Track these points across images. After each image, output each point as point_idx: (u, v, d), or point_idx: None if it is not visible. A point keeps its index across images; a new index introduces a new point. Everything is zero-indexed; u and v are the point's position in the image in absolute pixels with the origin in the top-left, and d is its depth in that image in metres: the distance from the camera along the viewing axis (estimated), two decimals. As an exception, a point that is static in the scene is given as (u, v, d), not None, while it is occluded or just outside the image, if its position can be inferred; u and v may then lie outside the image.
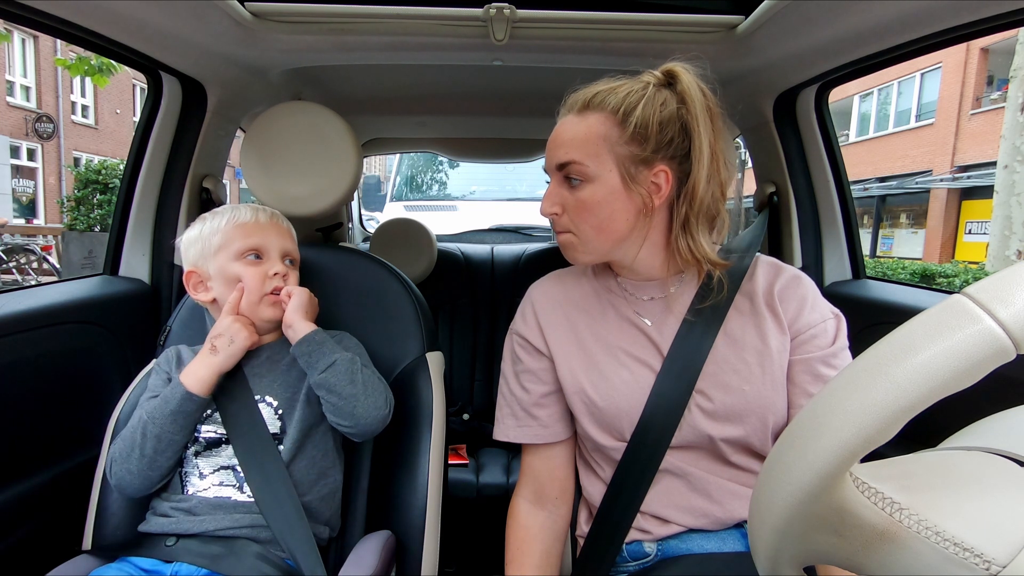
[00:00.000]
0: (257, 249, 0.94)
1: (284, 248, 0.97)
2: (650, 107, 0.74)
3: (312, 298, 0.97)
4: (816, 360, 0.78)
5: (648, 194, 0.76)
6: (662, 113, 0.75)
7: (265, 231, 0.96)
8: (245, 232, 0.95)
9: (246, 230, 0.95)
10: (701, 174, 0.75)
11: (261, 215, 0.98)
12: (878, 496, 0.35)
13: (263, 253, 0.95)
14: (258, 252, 0.95)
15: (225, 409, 0.89)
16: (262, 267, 0.94)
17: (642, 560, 0.82)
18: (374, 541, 0.86)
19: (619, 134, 0.75)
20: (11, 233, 9.03)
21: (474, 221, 3.12)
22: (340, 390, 0.87)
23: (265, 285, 0.93)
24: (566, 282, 0.90)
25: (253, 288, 0.92)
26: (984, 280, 0.32)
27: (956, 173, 12.31)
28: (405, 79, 1.59)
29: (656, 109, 0.75)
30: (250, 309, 0.92)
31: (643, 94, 0.75)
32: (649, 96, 0.75)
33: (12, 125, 13.19)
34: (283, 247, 0.97)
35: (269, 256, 0.95)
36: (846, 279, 1.43)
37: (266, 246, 0.95)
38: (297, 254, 1.00)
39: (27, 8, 0.87)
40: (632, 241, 0.80)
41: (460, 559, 1.69)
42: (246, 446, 0.86)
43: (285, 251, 0.97)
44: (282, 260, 0.96)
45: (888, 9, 0.90)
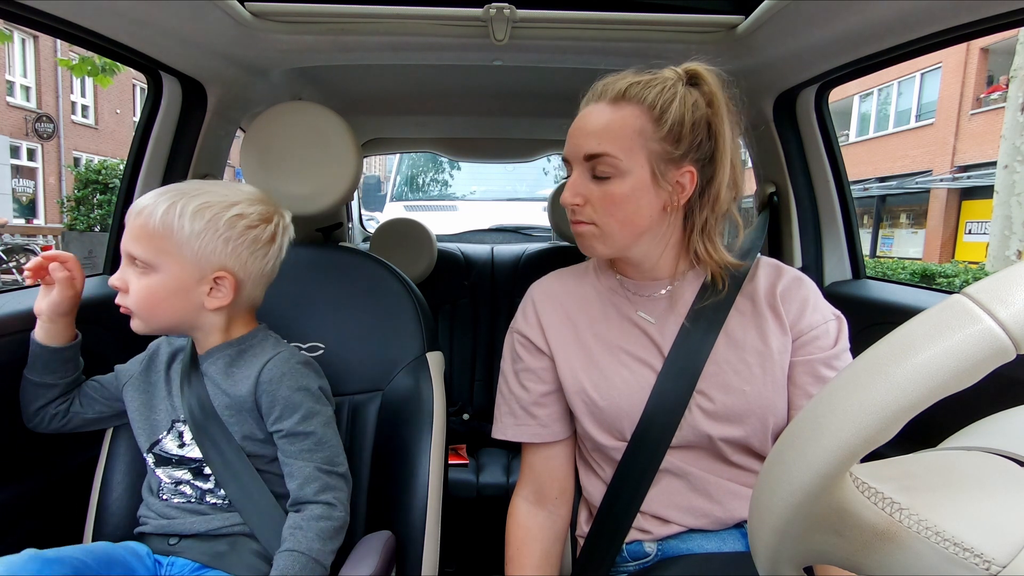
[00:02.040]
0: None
1: (127, 250, 0.82)
2: (684, 106, 0.74)
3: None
4: (818, 362, 0.78)
5: (673, 193, 0.76)
6: (694, 114, 0.75)
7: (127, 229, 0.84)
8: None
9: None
10: (724, 178, 0.76)
11: (135, 205, 0.84)
12: (878, 496, 0.35)
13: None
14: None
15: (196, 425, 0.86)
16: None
17: (642, 560, 0.82)
18: (374, 541, 0.86)
19: (654, 130, 0.74)
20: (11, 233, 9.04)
21: (474, 221, 3.12)
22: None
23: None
24: (567, 281, 0.90)
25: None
26: (984, 280, 0.32)
27: (956, 173, 12.31)
28: (405, 79, 1.59)
29: (689, 109, 0.74)
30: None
31: (675, 92, 0.75)
32: (682, 95, 0.75)
33: (12, 125, 13.20)
34: (126, 249, 0.82)
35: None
36: (846, 279, 1.43)
37: (122, 249, 0.84)
38: (144, 254, 0.80)
39: (27, 8, 0.87)
40: (648, 239, 0.80)
41: (460, 559, 1.69)
42: (220, 460, 0.85)
43: (128, 253, 0.82)
44: (130, 263, 0.82)
45: (888, 9, 0.90)
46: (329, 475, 0.84)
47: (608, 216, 0.76)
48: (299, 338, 1.03)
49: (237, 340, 0.89)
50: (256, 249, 0.85)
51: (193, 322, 0.86)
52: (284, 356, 0.87)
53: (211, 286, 0.83)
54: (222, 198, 0.83)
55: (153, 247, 0.80)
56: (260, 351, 0.88)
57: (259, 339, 0.90)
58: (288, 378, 0.85)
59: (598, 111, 0.76)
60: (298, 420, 0.84)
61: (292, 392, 0.85)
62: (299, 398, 0.85)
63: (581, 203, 0.78)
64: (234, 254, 0.83)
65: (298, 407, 0.84)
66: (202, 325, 0.87)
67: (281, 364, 0.86)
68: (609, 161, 0.74)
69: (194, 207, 0.81)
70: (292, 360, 0.88)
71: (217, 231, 0.82)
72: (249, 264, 0.85)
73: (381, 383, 1.02)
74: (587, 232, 0.79)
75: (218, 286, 0.83)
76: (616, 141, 0.74)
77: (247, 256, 0.84)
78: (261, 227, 0.86)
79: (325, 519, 0.81)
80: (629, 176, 0.74)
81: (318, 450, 0.84)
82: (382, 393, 1.01)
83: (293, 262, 1.09)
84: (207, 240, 0.81)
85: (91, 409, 0.94)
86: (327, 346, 1.03)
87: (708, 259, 0.79)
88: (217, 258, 0.82)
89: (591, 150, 0.75)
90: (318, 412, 0.86)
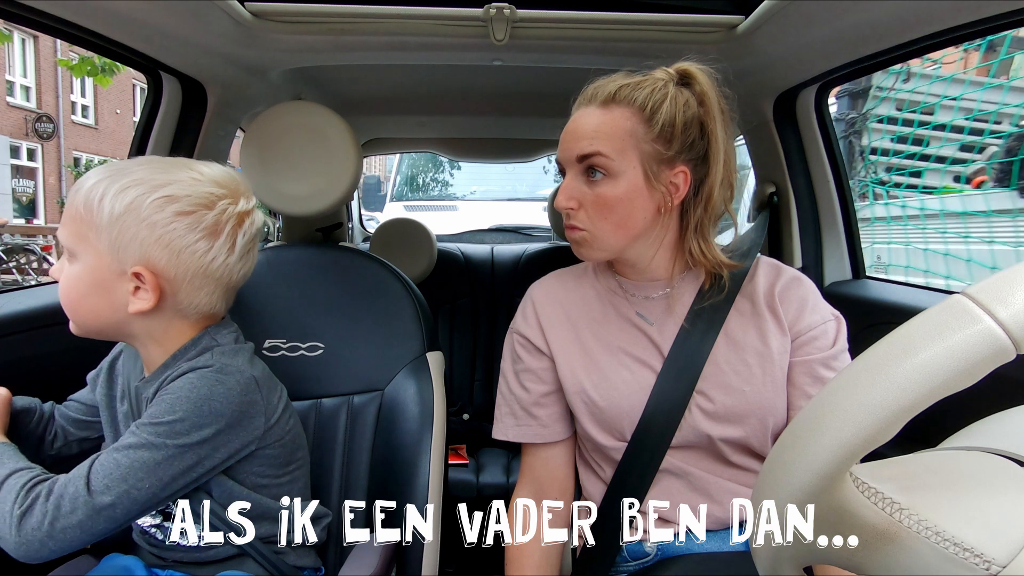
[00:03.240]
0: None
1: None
2: (675, 107, 0.74)
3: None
4: (816, 362, 0.78)
5: (667, 193, 0.76)
6: (686, 114, 0.75)
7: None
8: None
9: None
10: (717, 178, 0.76)
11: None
12: (878, 496, 0.35)
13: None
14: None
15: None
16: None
17: (642, 560, 0.82)
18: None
19: (645, 131, 0.74)
20: (11, 233, 9.03)
21: (474, 221, 3.12)
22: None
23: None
24: (567, 282, 0.90)
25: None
26: (984, 280, 0.32)
27: (956, 173, 12.30)
28: (405, 79, 1.59)
29: (680, 109, 0.74)
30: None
31: (666, 92, 0.75)
32: (672, 95, 0.75)
33: (12, 125, 13.19)
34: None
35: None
36: (846, 279, 1.43)
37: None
38: (65, 239, 0.71)
39: (27, 8, 0.87)
40: (644, 240, 0.80)
41: (460, 559, 1.69)
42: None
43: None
44: (64, 251, 0.72)
45: (888, 9, 0.89)
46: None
47: (602, 220, 0.76)
48: (299, 338, 1.03)
49: (175, 356, 0.73)
50: (193, 240, 0.69)
51: (123, 329, 0.72)
52: (204, 373, 0.71)
53: (135, 284, 0.68)
54: (154, 175, 0.69)
55: (74, 230, 0.68)
56: (190, 361, 0.73)
57: (199, 348, 0.74)
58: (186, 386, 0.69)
59: (588, 114, 0.77)
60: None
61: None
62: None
63: (575, 207, 0.78)
64: (160, 244, 0.68)
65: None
66: (134, 333, 0.73)
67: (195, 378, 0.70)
68: (602, 161, 0.74)
69: (119, 186, 0.67)
70: (213, 380, 0.70)
71: (140, 215, 0.67)
72: (184, 259, 0.69)
73: (381, 383, 1.02)
74: (579, 238, 0.79)
75: (141, 285, 0.69)
76: (608, 142, 0.74)
77: (180, 248, 0.68)
78: (198, 213, 0.69)
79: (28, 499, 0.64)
80: (622, 178, 0.74)
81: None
82: (382, 393, 1.01)
83: (293, 262, 1.09)
84: (127, 225, 0.67)
85: (86, 430, 0.84)
86: (327, 346, 1.03)
87: (702, 259, 0.79)
88: (139, 248, 0.67)
89: (583, 151, 0.75)
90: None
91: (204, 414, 0.69)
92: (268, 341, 1.02)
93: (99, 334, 0.73)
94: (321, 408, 1.01)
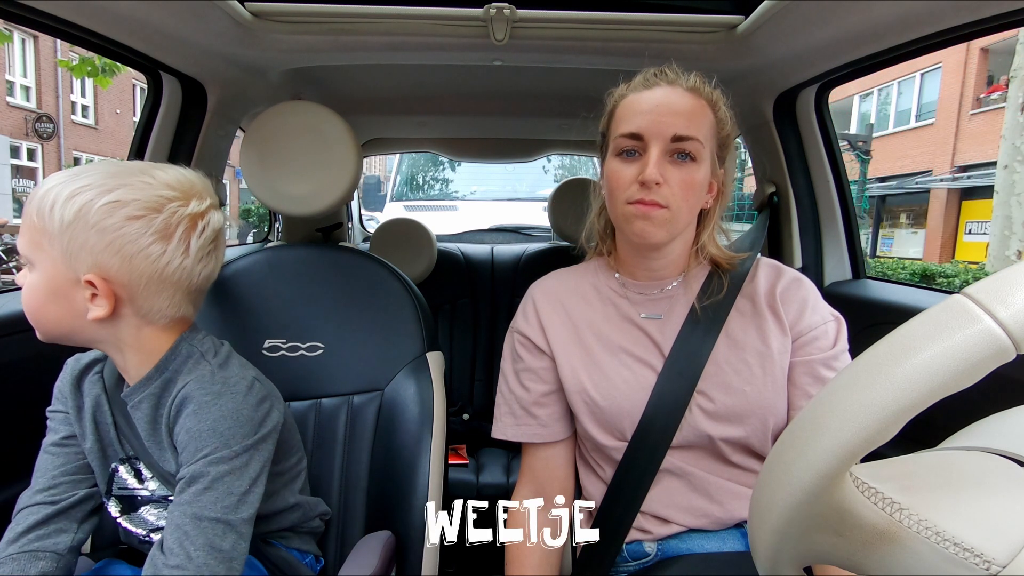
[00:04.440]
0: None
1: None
2: (729, 115, 0.80)
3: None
4: (817, 362, 0.78)
5: (710, 190, 0.81)
6: (730, 124, 0.81)
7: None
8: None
9: None
10: (731, 181, 0.82)
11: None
12: (878, 496, 0.35)
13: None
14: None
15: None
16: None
17: (642, 560, 0.82)
18: (374, 541, 0.86)
19: (715, 128, 0.78)
20: (11, 233, 9.02)
21: (474, 221, 3.12)
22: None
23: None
24: (567, 281, 0.90)
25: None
26: (984, 280, 0.32)
27: (956, 173, 12.31)
28: (405, 79, 1.59)
29: (729, 118, 0.81)
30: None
31: (724, 100, 0.80)
32: (727, 104, 0.81)
33: (12, 125, 13.19)
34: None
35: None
36: (846, 279, 1.43)
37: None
38: (22, 246, 0.70)
39: (27, 8, 0.87)
40: (684, 232, 0.82)
41: (460, 559, 1.69)
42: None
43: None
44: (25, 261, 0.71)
45: (888, 9, 0.90)
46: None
47: (682, 201, 0.76)
48: (299, 338, 1.03)
49: (158, 366, 0.73)
50: (144, 245, 0.68)
51: (86, 335, 0.71)
52: (202, 376, 0.72)
53: (92, 291, 0.68)
54: (105, 180, 0.68)
55: (29, 240, 0.68)
56: (180, 377, 0.73)
57: (182, 357, 0.74)
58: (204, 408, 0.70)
59: (679, 95, 0.77)
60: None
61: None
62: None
63: (662, 182, 0.74)
64: (112, 250, 0.67)
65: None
66: (102, 339, 0.73)
67: (196, 389, 0.71)
68: (695, 147, 0.75)
69: (68, 192, 0.66)
70: (215, 382, 0.72)
71: (89, 222, 0.66)
72: (137, 264, 0.68)
73: (381, 383, 1.02)
74: (659, 216, 0.75)
75: (94, 294, 0.68)
76: (700, 128, 0.76)
77: (132, 253, 0.67)
78: (147, 217, 0.68)
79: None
80: (703, 165, 0.77)
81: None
82: (382, 393, 1.01)
83: (293, 262, 1.09)
84: (78, 232, 0.66)
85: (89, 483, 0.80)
86: (327, 346, 1.03)
87: (719, 254, 0.83)
88: (90, 255, 0.66)
89: (681, 131, 0.74)
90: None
91: (243, 422, 0.71)
92: (268, 341, 1.02)
93: (66, 340, 0.73)
94: (321, 408, 1.01)
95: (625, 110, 0.78)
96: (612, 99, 0.83)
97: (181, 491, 0.68)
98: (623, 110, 0.79)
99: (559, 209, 1.96)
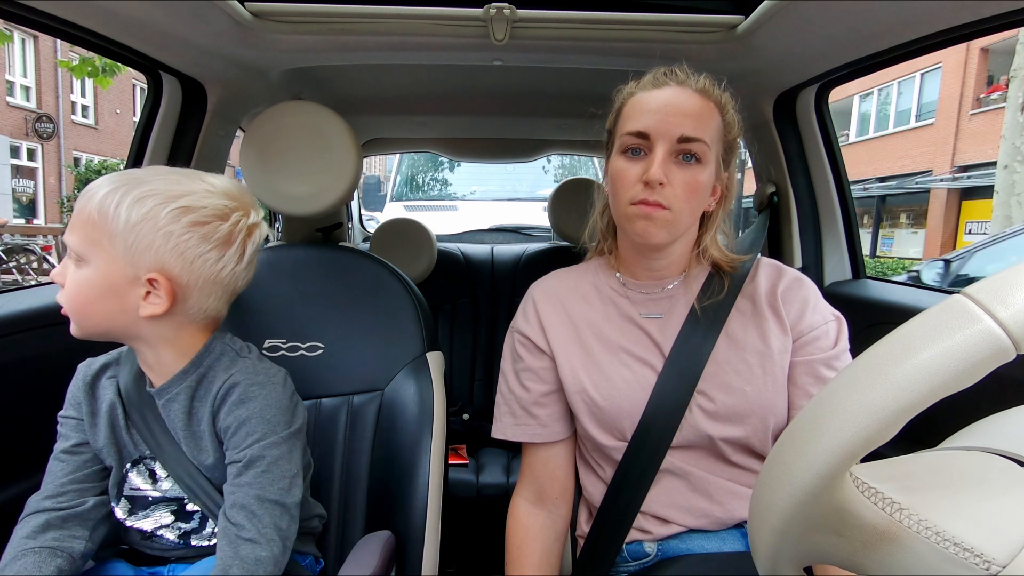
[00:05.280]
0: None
1: (66, 239, 0.74)
2: (737, 118, 0.81)
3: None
4: (818, 362, 0.78)
5: (713, 192, 0.81)
6: (738, 127, 0.81)
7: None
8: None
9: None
10: (734, 183, 0.83)
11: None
12: (878, 496, 0.35)
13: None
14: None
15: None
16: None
17: (642, 560, 0.82)
18: (374, 541, 0.86)
19: (722, 132, 0.78)
20: (11, 233, 9.02)
21: (474, 221, 3.12)
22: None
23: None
24: (568, 281, 0.90)
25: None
26: (984, 280, 0.32)
27: (956, 173, 12.31)
28: (405, 79, 1.59)
29: (737, 122, 0.81)
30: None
31: (732, 103, 0.81)
32: (735, 108, 0.81)
33: (12, 125, 13.20)
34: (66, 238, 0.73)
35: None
36: (846, 279, 1.43)
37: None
38: (75, 243, 0.72)
39: (27, 8, 0.87)
40: (686, 233, 0.82)
41: (460, 559, 1.69)
42: (205, 494, 0.78)
43: (67, 243, 0.73)
44: (71, 256, 0.74)
45: (888, 9, 0.90)
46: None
47: (685, 203, 0.76)
48: (299, 338, 1.03)
49: (194, 362, 0.77)
50: (206, 250, 0.72)
51: (130, 331, 0.74)
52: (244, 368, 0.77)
53: (147, 289, 0.71)
54: (170, 187, 0.72)
55: (86, 236, 0.70)
56: (218, 371, 0.78)
57: (216, 353, 0.78)
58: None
59: (687, 96, 0.76)
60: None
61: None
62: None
63: (665, 183, 0.74)
64: (175, 253, 0.71)
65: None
66: (143, 336, 0.75)
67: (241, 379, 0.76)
68: (701, 148, 0.75)
69: (136, 195, 0.70)
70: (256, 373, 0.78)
71: (156, 224, 0.70)
72: (196, 267, 0.72)
73: (381, 383, 1.02)
74: (662, 217, 0.75)
75: (155, 290, 0.71)
76: (707, 129, 0.76)
77: (193, 257, 0.72)
78: (213, 224, 0.73)
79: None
80: (708, 168, 0.77)
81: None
82: (382, 393, 1.01)
83: (293, 262, 1.09)
84: (143, 233, 0.69)
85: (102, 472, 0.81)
86: (327, 346, 1.03)
87: (720, 256, 0.83)
88: (154, 256, 0.70)
89: (688, 133, 0.74)
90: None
91: (284, 411, 0.77)
92: (268, 341, 1.02)
93: (104, 336, 0.75)
94: (321, 408, 1.01)
95: (633, 108, 0.78)
96: (620, 96, 0.82)
97: (239, 473, 0.73)
98: (631, 108, 0.79)
99: (559, 209, 1.96)
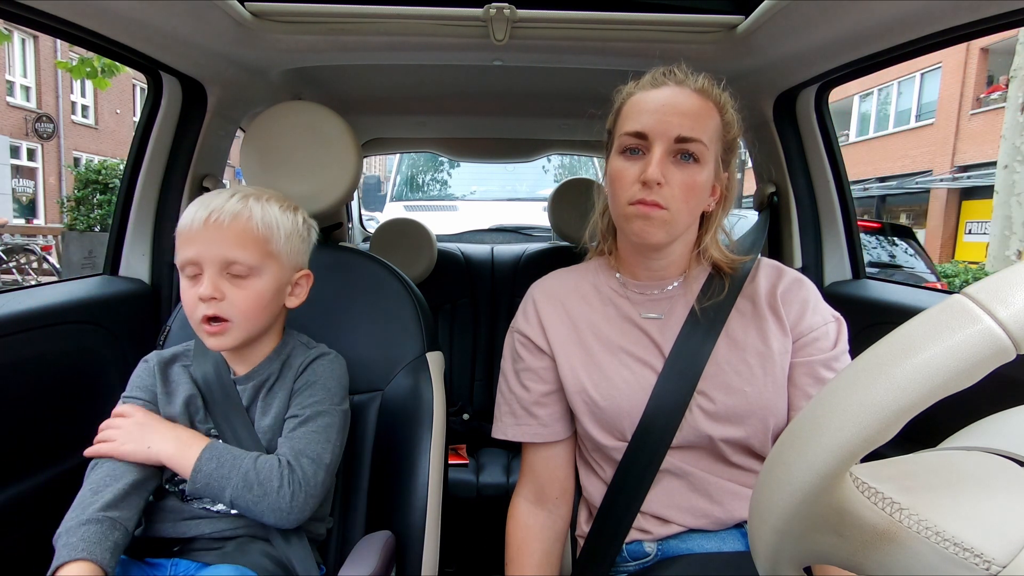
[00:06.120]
0: (192, 263, 0.79)
1: (222, 257, 0.79)
2: (737, 119, 0.80)
3: (145, 417, 0.82)
4: (818, 363, 0.78)
5: (713, 193, 0.81)
6: (738, 128, 0.81)
7: (198, 239, 0.79)
8: (181, 241, 0.80)
9: (182, 238, 0.80)
10: (734, 184, 0.82)
11: (200, 213, 0.80)
12: (878, 496, 0.35)
13: (199, 267, 0.79)
14: (195, 265, 0.80)
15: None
16: (194, 289, 0.79)
17: (642, 560, 0.82)
18: (374, 541, 0.86)
19: (721, 132, 0.78)
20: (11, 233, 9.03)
21: (474, 221, 3.12)
22: (245, 508, 0.78)
23: (196, 311, 0.79)
24: (568, 281, 0.90)
25: (189, 314, 0.81)
26: (984, 280, 0.32)
27: (956, 173, 12.31)
28: (405, 79, 1.59)
29: (738, 123, 0.81)
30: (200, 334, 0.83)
31: (732, 104, 0.80)
32: (735, 108, 0.81)
33: (12, 125, 13.19)
34: (221, 256, 0.79)
35: (204, 271, 0.79)
36: (846, 279, 1.43)
37: (201, 258, 0.79)
38: (249, 259, 0.80)
39: (27, 8, 0.87)
40: (685, 233, 0.82)
41: (460, 559, 1.69)
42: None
43: (224, 261, 0.79)
44: (222, 272, 0.79)
45: (888, 9, 0.90)
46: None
47: (682, 203, 0.76)
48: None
49: (277, 349, 0.89)
50: (307, 250, 0.91)
51: (271, 325, 0.88)
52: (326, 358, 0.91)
53: (292, 285, 0.88)
54: (283, 200, 0.87)
55: (259, 250, 0.81)
56: (297, 354, 0.90)
57: (295, 338, 0.93)
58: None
59: (686, 96, 0.76)
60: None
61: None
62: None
63: (663, 183, 0.74)
64: (305, 250, 0.89)
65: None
66: (273, 327, 0.89)
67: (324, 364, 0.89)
68: (699, 148, 0.75)
69: (280, 207, 0.85)
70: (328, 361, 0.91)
71: (298, 229, 0.87)
72: (305, 263, 0.90)
73: (381, 383, 1.02)
74: (659, 216, 0.75)
75: (297, 284, 0.88)
76: (705, 130, 0.76)
77: (305, 254, 0.90)
78: (310, 227, 0.92)
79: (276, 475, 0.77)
80: (706, 168, 0.76)
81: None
82: (382, 393, 1.01)
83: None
84: (295, 239, 0.86)
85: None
86: (327, 346, 1.03)
87: (721, 257, 0.83)
88: (300, 256, 0.88)
89: (686, 132, 0.74)
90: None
91: (344, 387, 0.91)
92: None
93: (256, 336, 0.86)
94: (321, 408, 1.01)
95: (631, 108, 0.78)
96: (620, 96, 0.83)
97: (294, 428, 0.82)
98: (630, 108, 0.79)
99: (559, 209, 1.96)
